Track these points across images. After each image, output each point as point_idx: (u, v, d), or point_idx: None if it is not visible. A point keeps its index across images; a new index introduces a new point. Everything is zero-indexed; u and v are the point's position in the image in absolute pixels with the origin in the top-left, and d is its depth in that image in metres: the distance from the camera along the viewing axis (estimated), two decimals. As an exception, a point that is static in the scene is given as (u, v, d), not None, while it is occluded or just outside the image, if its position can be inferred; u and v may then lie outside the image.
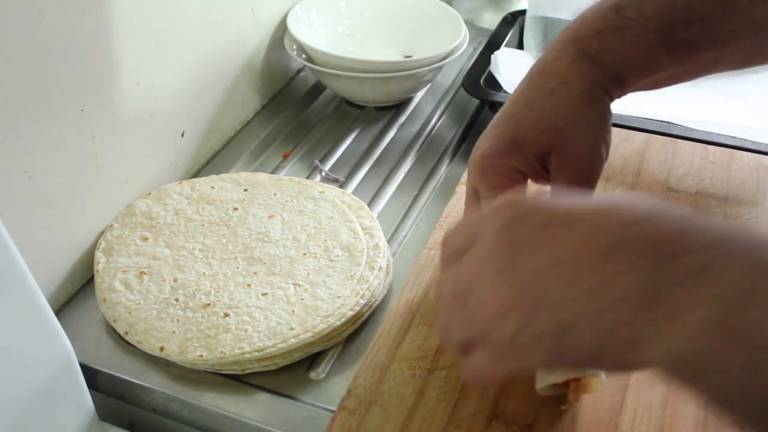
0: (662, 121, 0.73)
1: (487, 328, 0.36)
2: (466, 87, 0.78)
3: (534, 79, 0.51)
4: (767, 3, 0.48)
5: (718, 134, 0.71)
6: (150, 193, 0.67)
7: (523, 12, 0.92)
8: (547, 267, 0.34)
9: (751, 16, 0.48)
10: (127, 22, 0.60)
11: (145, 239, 0.62)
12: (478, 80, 0.79)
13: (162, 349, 0.54)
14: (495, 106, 0.78)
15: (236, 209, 0.65)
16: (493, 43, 0.87)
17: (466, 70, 0.82)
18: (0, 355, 0.44)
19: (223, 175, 0.70)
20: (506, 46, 0.87)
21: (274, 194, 0.67)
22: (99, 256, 0.61)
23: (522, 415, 0.47)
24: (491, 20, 0.95)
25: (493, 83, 0.81)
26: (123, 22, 0.60)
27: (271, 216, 0.64)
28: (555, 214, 0.36)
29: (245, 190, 0.67)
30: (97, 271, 0.60)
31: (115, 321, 0.57)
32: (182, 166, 0.73)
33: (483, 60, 0.83)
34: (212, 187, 0.68)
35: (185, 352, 0.54)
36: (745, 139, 0.70)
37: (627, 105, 0.74)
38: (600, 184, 0.65)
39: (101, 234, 0.63)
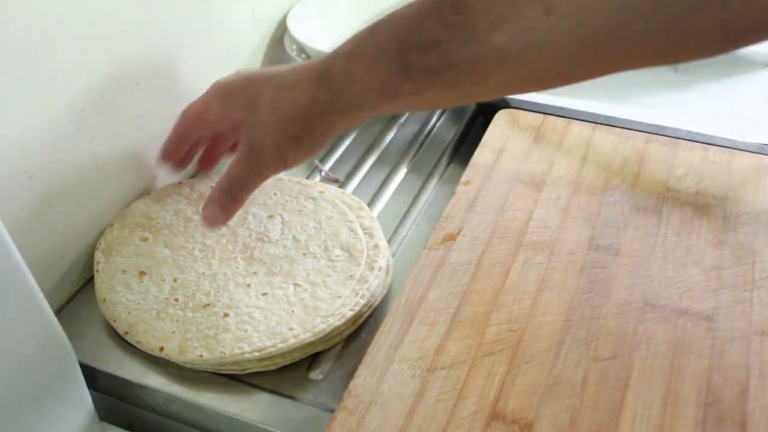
0: (658, 125, 0.73)
1: None
2: None
3: (297, 66, 0.55)
4: (506, 29, 0.44)
5: (719, 136, 0.71)
6: (150, 193, 0.67)
7: None
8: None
9: (492, 43, 0.45)
10: (127, 22, 0.60)
11: (145, 239, 0.62)
12: None
13: (162, 349, 0.54)
14: (484, 107, 0.78)
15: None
16: None
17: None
18: (0, 354, 0.44)
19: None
20: None
21: (274, 194, 0.67)
22: (99, 256, 0.61)
23: (522, 415, 0.47)
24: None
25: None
26: (123, 22, 0.60)
27: (270, 216, 0.64)
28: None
29: None
30: (97, 271, 0.60)
31: (115, 321, 0.57)
32: (182, 166, 0.73)
33: None
34: (212, 187, 0.68)
35: (185, 352, 0.54)
36: (744, 141, 0.70)
37: (625, 108, 0.75)
38: (600, 183, 0.65)
39: (101, 234, 0.63)
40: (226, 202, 0.58)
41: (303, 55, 0.83)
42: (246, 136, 0.56)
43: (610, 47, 0.44)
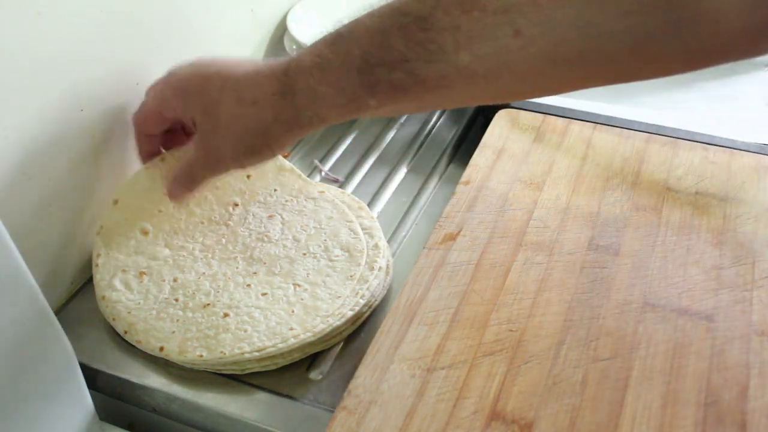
0: (658, 125, 0.73)
1: None
2: None
3: (255, 73, 0.52)
4: (473, 49, 0.43)
5: (720, 136, 0.71)
6: (162, 159, 0.65)
7: None
8: None
9: (458, 62, 0.44)
10: (127, 22, 0.60)
11: (146, 233, 0.62)
12: None
13: (162, 348, 0.54)
14: (484, 107, 0.78)
15: (237, 205, 0.65)
16: None
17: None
18: (0, 355, 0.44)
19: (224, 178, 0.70)
20: None
21: (275, 190, 0.66)
22: (98, 245, 0.61)
23: (522, 415, 0.47)
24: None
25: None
26: (123, 22, 0.60)
27: (270, 216, 0.64)
28: None
29: (248, 177, 0.67)
30: (96, 265, 0.60)
31: (114, 320, 0.57)
32: (182, 166, 0.73)
33: None
34: (212, 189, 0.67)
35: (185, 352, 0.54)
36: (744, 141, 0.70)
37: (625, 108, 0.75)
38: (600, 184, 0.65)
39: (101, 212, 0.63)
40: (188, 185, 0.59)
41: (303, 55, 0.83)
42: (204, 141, 0.56)
43: (577, 68, 0.44)
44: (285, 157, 0.77)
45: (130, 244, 0.61)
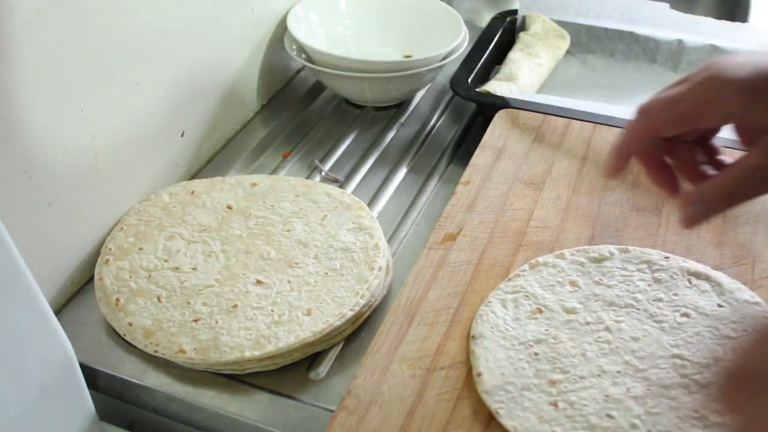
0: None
1: None
2: (453, 87, 0.78)
3: None
4: None
5: (719, 136, 0.71)
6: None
7: (513, 12, 0.93)
8: None
9: None
10: (127, 22, 0.61)
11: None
12: (466, 80, 0.79)
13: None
14: (484, 107, 0.78)
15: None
16: (482, 42, 0.87)
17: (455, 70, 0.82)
18: (0, 355, 0.44)
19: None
20: (496, 45, 0.87)
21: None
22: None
23: (522, 415, 0.47)
24: (491, 20, 0.95)
25: (483, 81, 0.81)
26: (123, 22, 0.60)
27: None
28: None
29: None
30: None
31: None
32: (182, 166, 0.73)
33: (470, 60, 0.83)
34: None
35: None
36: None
37: (625, 108, 0.75)
38: (600, 184, 0.65)
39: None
40: (723, 203, 0.47)
41: (303, 55, 0.83)
42: None
43: None
44: (285, 156, 0.77)
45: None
